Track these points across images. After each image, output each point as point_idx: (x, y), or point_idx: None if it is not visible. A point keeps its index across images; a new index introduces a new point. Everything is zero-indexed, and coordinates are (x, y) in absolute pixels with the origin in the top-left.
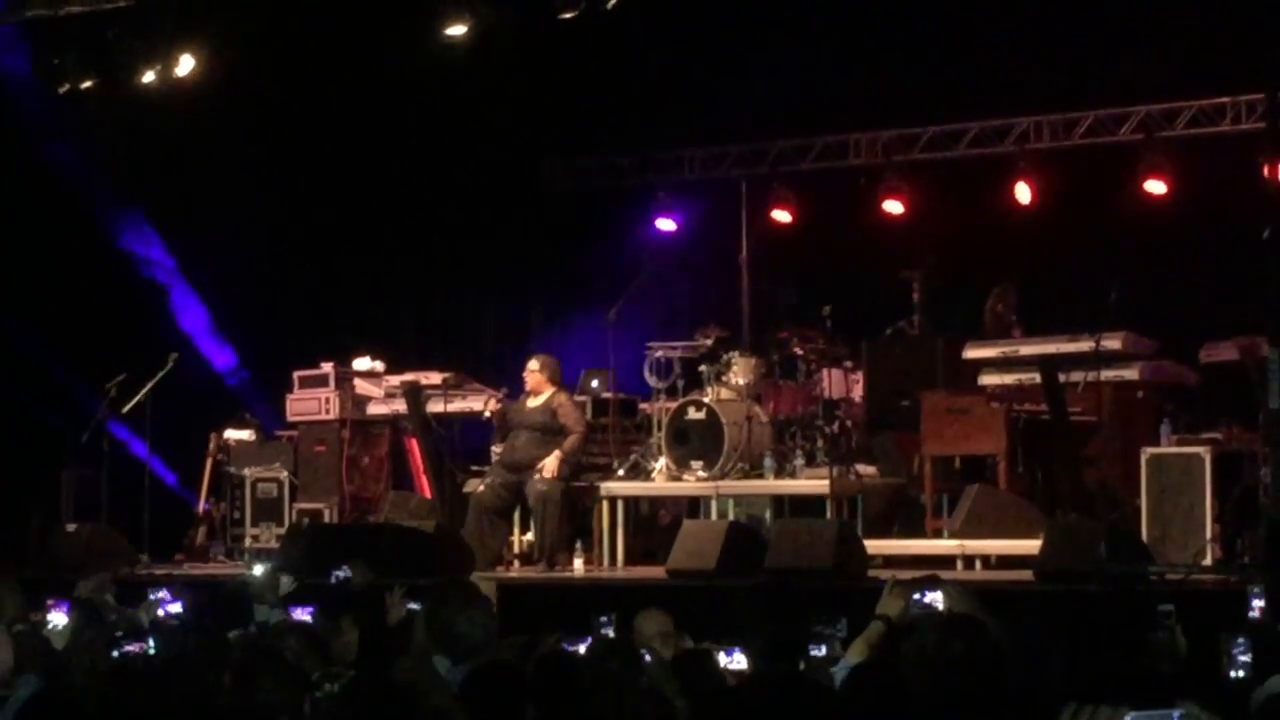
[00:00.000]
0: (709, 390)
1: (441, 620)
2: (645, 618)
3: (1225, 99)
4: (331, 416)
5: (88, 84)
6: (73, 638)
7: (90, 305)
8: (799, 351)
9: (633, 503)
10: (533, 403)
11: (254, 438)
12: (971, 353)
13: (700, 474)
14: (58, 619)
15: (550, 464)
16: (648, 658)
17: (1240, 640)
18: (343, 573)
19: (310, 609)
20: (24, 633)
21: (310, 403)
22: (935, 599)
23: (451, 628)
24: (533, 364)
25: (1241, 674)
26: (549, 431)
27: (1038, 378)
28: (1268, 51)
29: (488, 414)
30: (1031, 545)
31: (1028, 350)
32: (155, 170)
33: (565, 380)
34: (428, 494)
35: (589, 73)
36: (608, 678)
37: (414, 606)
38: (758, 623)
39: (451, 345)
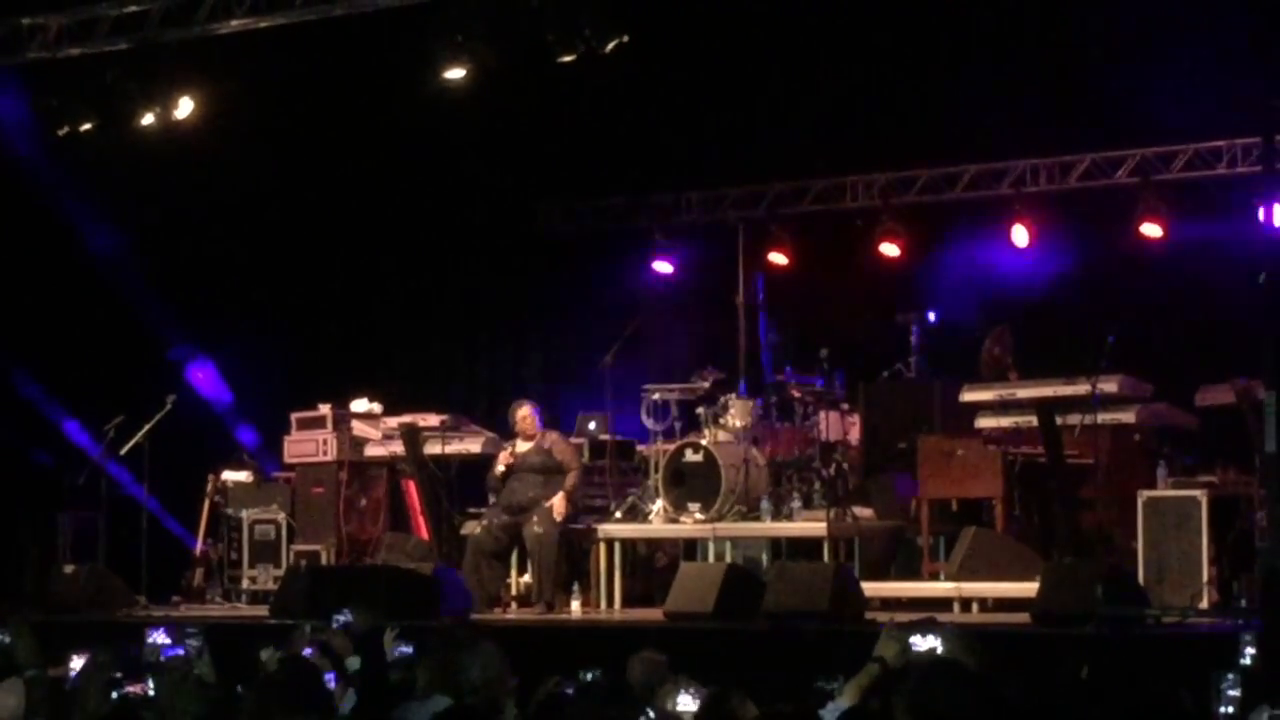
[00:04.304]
0: (706, 432)
1: (445, 663)
2: (639, 659)
3: (1221, 142)
4: (329, 458)
5: (87, 126)
6: (78, 680)
7: (87, 347)
8: (796, 394)
9: (630, 545)
10: (524, 446)
11: (251, 479)
12: (968, 395)
13: (698, 516)
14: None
15: (557, 504)
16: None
17: (1230, 676)
18: (344, 616)
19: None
20: (36, 678)
21: (308, 444)
22: (932, 642)
23: (456, 671)
24: (524, 409)
25: (1231, 710)
26: (547, 471)
27: (1034, 420)
28: (1264, 95)
29: (503, 467)
30: (1028, 588)
31: (1024, 393)
32: (152, 212)
33: (561, 423)
34: (425, 536)
35: (586, 116)
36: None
37: (406, 649)
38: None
39: (449, 387)
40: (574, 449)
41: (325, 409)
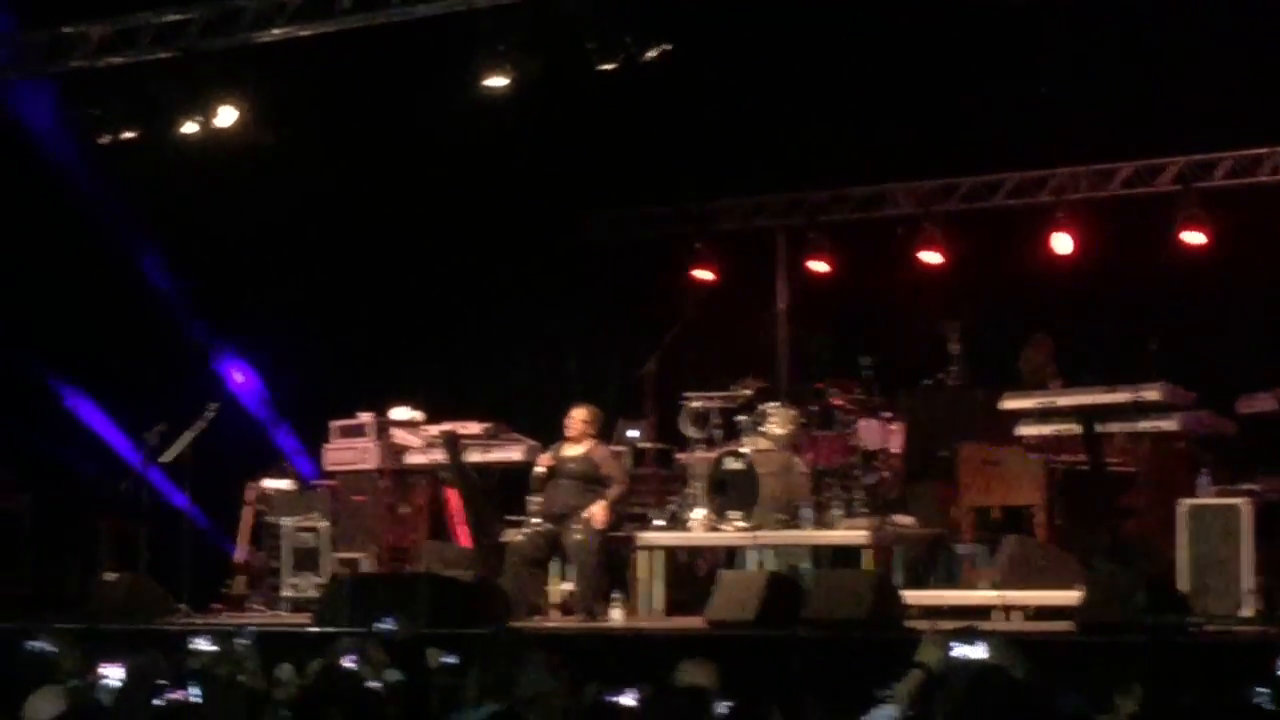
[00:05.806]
0: (747, 441)
1: (495, 671)
2: (689, 667)
3: (1263, 149)
4: (370, 466)
5: (129, 134)
6: (122, 689)
7: (130, 354)
8: (837, 402)
9: (670, 553)
10: (570, 451)
11: (292, 487)
12: (1009, 403)
13: (738, 524)
14: (113, 672)
15: (598, 512)
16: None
17: (1263, 690)
18: (386, 624)
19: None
20: (78, 689)
21: (348, 452)
22: (976, 649)
23: (507, 679)
24: (581, 413)
25: None
26: (589, 481)
27: (1076, 428)
28: None
29: (542, 469)
30: (1070, 596)
31: (1066, 401)
32: (194, 220)
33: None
34: (466, 544)
35: (627, 125)
36: None
37: (449, 660)
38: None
39: (489, 395)
40: (621, 464)
41: (366, 417)
